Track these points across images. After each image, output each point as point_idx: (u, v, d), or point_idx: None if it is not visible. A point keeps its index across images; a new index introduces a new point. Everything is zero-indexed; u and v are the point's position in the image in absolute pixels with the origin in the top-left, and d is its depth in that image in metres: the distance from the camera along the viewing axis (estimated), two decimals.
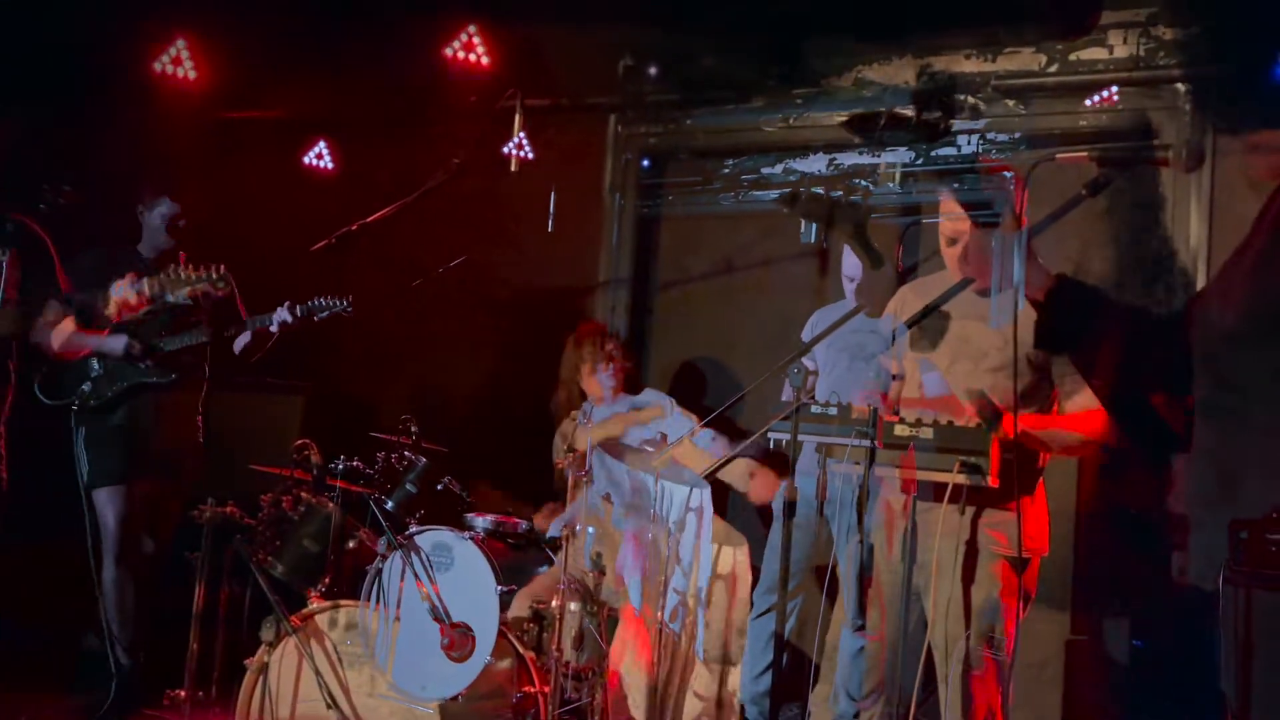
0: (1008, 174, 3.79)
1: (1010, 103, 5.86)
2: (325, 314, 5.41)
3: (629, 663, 4.92)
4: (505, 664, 4.80)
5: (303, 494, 4.98)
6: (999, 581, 3.74)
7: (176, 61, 6.92)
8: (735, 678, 4.96)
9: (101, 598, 5.33)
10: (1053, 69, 5.77)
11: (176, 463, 5.57)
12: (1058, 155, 3.71)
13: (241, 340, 5.63)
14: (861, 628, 4.99)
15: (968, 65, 5.91)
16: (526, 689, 4.71)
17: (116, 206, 5.76)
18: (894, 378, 4.17)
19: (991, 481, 3.51)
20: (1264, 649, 4.17)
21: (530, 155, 6.32)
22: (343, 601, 4.74)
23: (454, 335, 6.92)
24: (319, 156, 7.00)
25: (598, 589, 4.88)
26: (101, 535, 5.39)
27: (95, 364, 5.45)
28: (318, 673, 4.57)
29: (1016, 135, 5.35)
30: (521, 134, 6.11)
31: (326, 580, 4.88)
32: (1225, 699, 4.26)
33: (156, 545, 5.57)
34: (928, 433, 3.55)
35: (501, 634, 4.62)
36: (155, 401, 5.51)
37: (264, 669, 4.68)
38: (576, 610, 4.81)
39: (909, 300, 4.10)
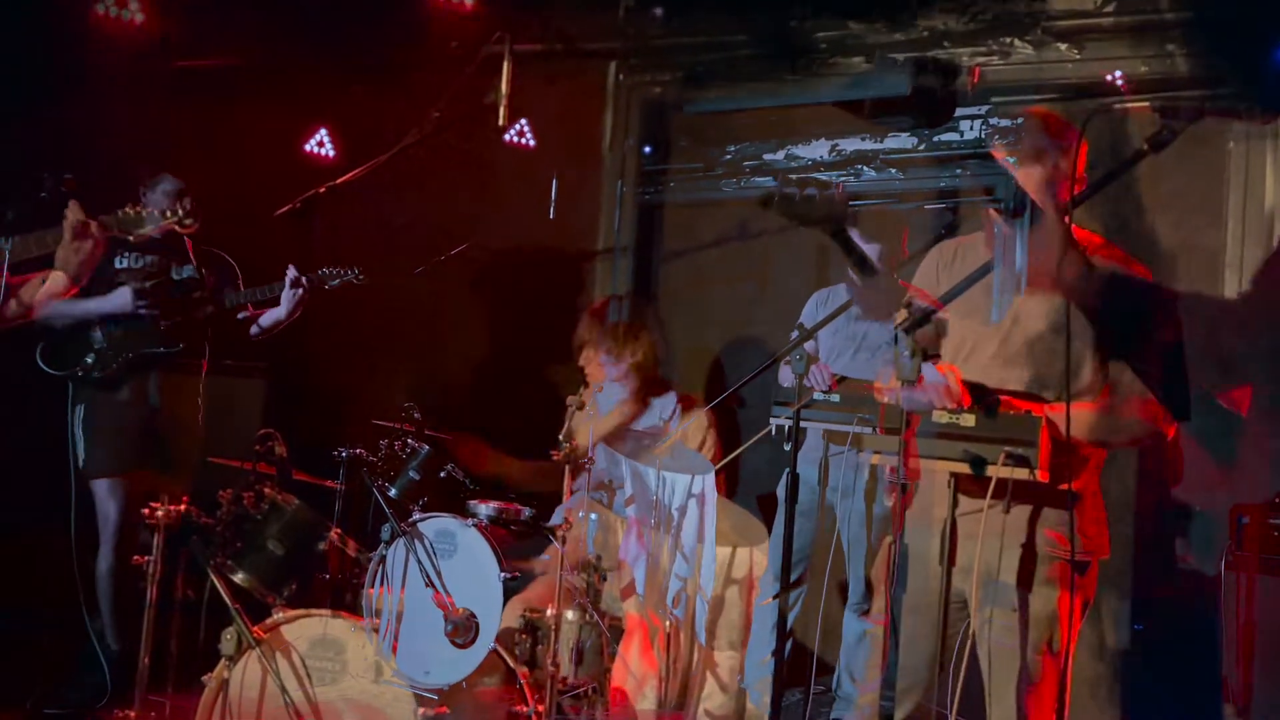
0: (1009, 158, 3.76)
1: (1062, 46, 5.82)
2: (336, 282, 5.77)
3: (634, 679, 4.97)
4: (494, 680, 4.81)
5: (266, 490, 4.96)
6: (1056, 587, 3.70)
7: (121, 3, 6.87)
8: None
9: (96, 584, 5.66)
10: (1110, 8, 5.72)
11: (177, 446, 5.83)
12: (1116, 105, 3.67)
13: (271, 315, 5.93)
14: (866, 612, 5.53)
15: (1016, 4, 5.87)
16: (518, 708, 4.71)
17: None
18: (930, 357, 4.12)
19: (1040, 475, 3.45)
20: (1265, 634, 4.52)
21: (531, 143, 6.58)
22: (312, 610, 4.72)
23: (441, 312, 6.93)
24: (320, 144, 7.05)
25: (598, 596, 4.88)
26: (100, 524, 5.69)
27: (99, 335, 5.77)
28: (284, 690, 4.56)
29: (1019, 121, 5.50)
30: (523, 120, 6.28)
31: (294, 586, 4.89)
32: (1226, 683, 4.58)
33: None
34: (969, 420, 3.52)
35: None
36: (160, 377, 5.88)
37: (223, 686, 4.65)
38: (574, 619, 4.81)
39: (940, 270, 4.06)
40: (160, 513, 4.65)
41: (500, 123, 5.50)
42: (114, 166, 6.00)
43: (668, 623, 4.86)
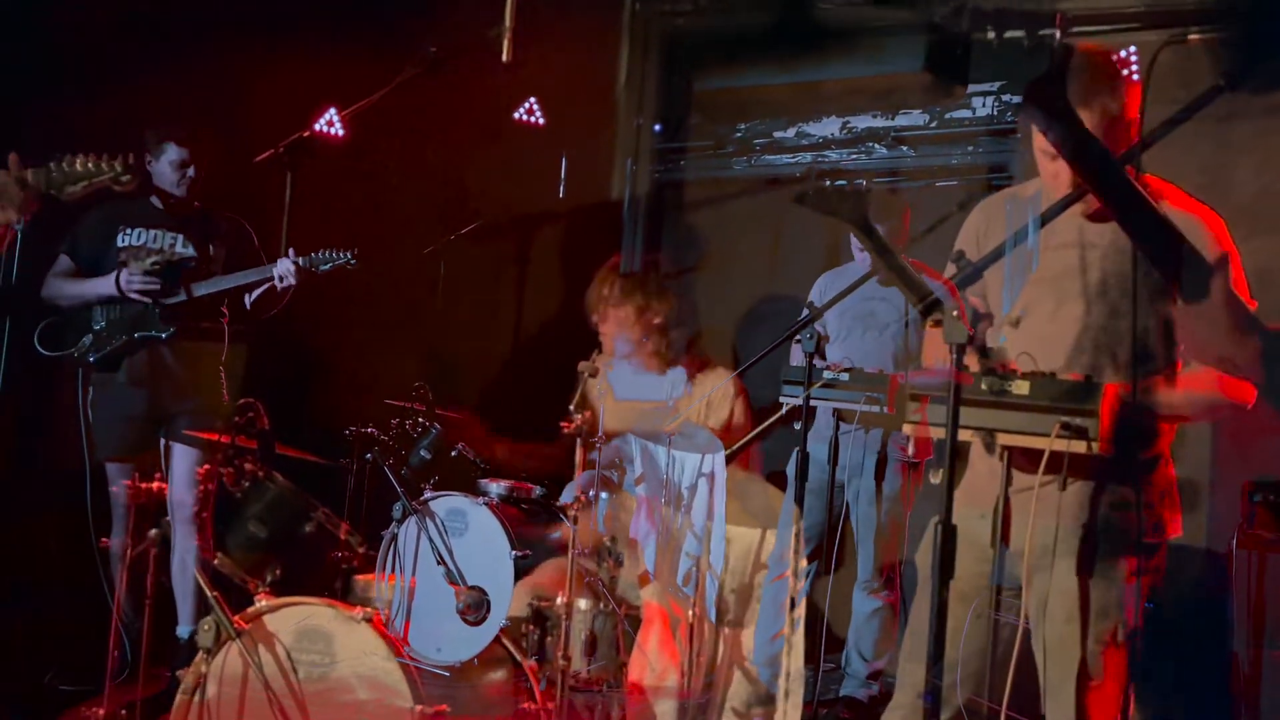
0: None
1: None
2: (329, 266, 5.90)
3: (653, 672, 4.95)
4: (500, 674, 4.90)
5: (247, 466, 4.95)
6: (1121, 571, 3.65)
7: None
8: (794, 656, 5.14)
9: (111, 563, 5.73)
10: None
11: (197, 423, 5.85)
12: (1190, 36, 3.60)
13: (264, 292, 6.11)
14: (876, 590, 6.33)
15: None
16: (526, 705, 4.76)
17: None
18: (981, 317, 4.05)
19: (1101, 448, 3.36)
20: (1276, 611, 4.86)
21: (541, 121, 6.85)
22: (298, 598, 4.70)
23: (450, 287, 7.00)
24: (329, 124, 7.15)
25: (613, 583, 4.91)
26: (112, 504, 5.85)
27: (99, 316, 6.02)
28: (267, 686, 4.55)
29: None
30: (532, 99, 6.59)
31: (278, 571, 4.89)
32: (1237, 660, 4.91)
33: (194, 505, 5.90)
34: (1022, 387, 3.43)
35: (495, 639, 4.77)
36: (158, 357, 6.05)
37: (201, 682, 4.64)
38: (587, 609, 4.83)
39: (995, 223, 3.99)
40: (129, 492, 4.62)
41: (504, 58, 5.43)
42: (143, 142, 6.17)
43: (690, 611, 4.85)
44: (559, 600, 4.74)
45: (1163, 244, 3.43)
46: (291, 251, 5.92)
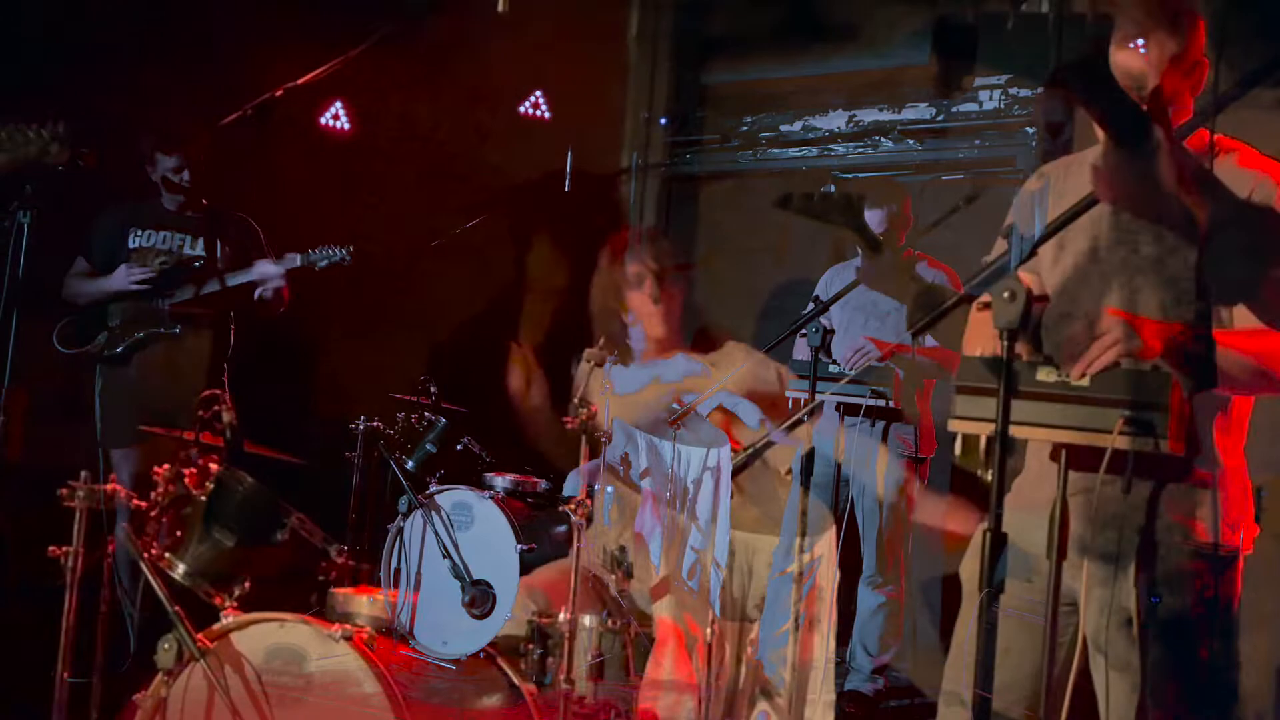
0: None
1: None
2: (325, 263, 6.43)
3: (667, 696, 4.90)
4: (495, 699, 4.82)
5: (211, 466, 4.90)
6: (1192, 586, 3.57)
7: None
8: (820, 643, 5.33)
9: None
10: None
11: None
12: None
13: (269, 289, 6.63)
14: (880, 585, 6.71)
15: None
16: None
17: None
18: (1037, 299, 3.92)
19: (1171, 446, 3.20)
20: None
21: (547, 115, 7.38)
22: (269, 614, 4.66)
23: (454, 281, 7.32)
24: (335, 117, 7.58)
25: (623, 596, 4.88)
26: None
27: (114, 314, 6.61)
28: (234, 711, 4.46)
29: (1039, 90, 6.10)
30: (538, 93, 7.15)
31: (246, 584, 4.87)
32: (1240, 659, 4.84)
33: None
34: (1082, 378, 3.30)
35: (490, 659, 4.85)
36: (167, 354, 6.60)
37: (161, 707, 4.58)
38: (593, 626, 4.78)
39: (1055, 189, 3.82)
40: (80, 494, 4.50)
41: (500, 8, 5.39)
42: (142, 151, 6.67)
43: (708, 630, 4.87)
44: (561, 616, 4.65)
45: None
46: (288, 255, 6.42)
